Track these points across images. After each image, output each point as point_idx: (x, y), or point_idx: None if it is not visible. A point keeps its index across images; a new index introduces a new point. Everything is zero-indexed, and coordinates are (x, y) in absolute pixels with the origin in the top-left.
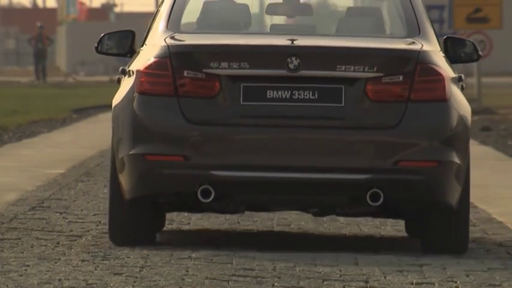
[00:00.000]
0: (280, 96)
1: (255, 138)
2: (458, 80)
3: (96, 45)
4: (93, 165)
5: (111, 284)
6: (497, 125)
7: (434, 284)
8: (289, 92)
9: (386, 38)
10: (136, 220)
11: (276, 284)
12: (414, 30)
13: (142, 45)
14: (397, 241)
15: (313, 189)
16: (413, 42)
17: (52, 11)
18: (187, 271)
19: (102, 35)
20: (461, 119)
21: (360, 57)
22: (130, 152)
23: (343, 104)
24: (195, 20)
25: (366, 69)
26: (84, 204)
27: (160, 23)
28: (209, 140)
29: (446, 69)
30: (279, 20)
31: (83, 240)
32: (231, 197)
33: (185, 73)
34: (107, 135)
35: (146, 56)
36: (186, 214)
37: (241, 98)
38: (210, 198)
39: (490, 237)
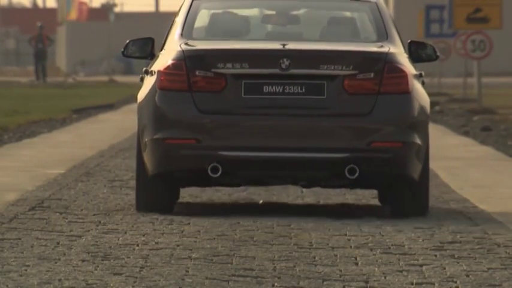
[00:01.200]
0: (274, 90)
1: (254, 124)
2: (419, 76)
3: (122, 49)
4: (93, 165)
5: (111, 284)
6: (498, 125)
7: (434, 284)
8: (282, 87)
9: (360, 42)
10: (157, 192)
11: (276, 284)
12: (383, 36)
13: (161, 50)
14: (398, 244)
15: (302, 166)
16: (382, 46)
17: (52, 11)
18: (187, 271)
19: (127, 41)
20: (422, 108)
21: (338, 58)
22: (153, 137)
23: (325, 96)
24: (204, 28)
25: (344, 68)
26: (84, 204)
27: (176, 31)
28: (217, 126)
29: (409, 67)
30: (273, 27)
31: (82, 240)
32: (235, 172)
33: (197, 72)
34: (107, 135)
35: (165, 59)
36: (186, 214)
37: (243, 92)
38: (218, 174)
39: (490, 237)
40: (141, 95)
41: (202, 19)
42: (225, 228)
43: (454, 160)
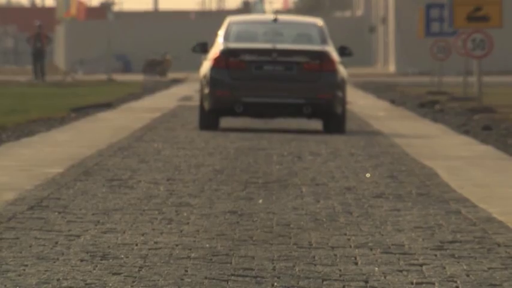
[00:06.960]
0: (269, 69)
1: (259, 85)
2: (341, 63)
3: (192, 48)
4: (91, 164)
5: (110, 284)
6: (498, 124)
7: (434, 284)
8: (273, 67)
9: (312, 45)
10: (210, 119)
11: (275, 284)
12: (324, 42)
13: (212, 47)
14: (398, 244)
15: (282, 106)
16: (323, 47)
17: (50, 9)
18: (186, 271)
19: (195, 43)
20: (342, 78)
21: (301, 53)
22: (209, 90)
23: (295, 72)
24: (235, 37)
25: (304, 58)
26: (82, 203)
27: (220, 38)
28: (240, 86)
29: (336, 58)
30: (269, 37)
31: (81, 239)
32: (249, 109)
33: (230, 59)
34: (106, 134)
35: (215, 51)
36: (185, 214)
37: (253, 70)
38: (241, 110)
39: (490, 237)
40: (203, 70)
41: (233, 32)
42: (224, 228)
43: (454, 159)
